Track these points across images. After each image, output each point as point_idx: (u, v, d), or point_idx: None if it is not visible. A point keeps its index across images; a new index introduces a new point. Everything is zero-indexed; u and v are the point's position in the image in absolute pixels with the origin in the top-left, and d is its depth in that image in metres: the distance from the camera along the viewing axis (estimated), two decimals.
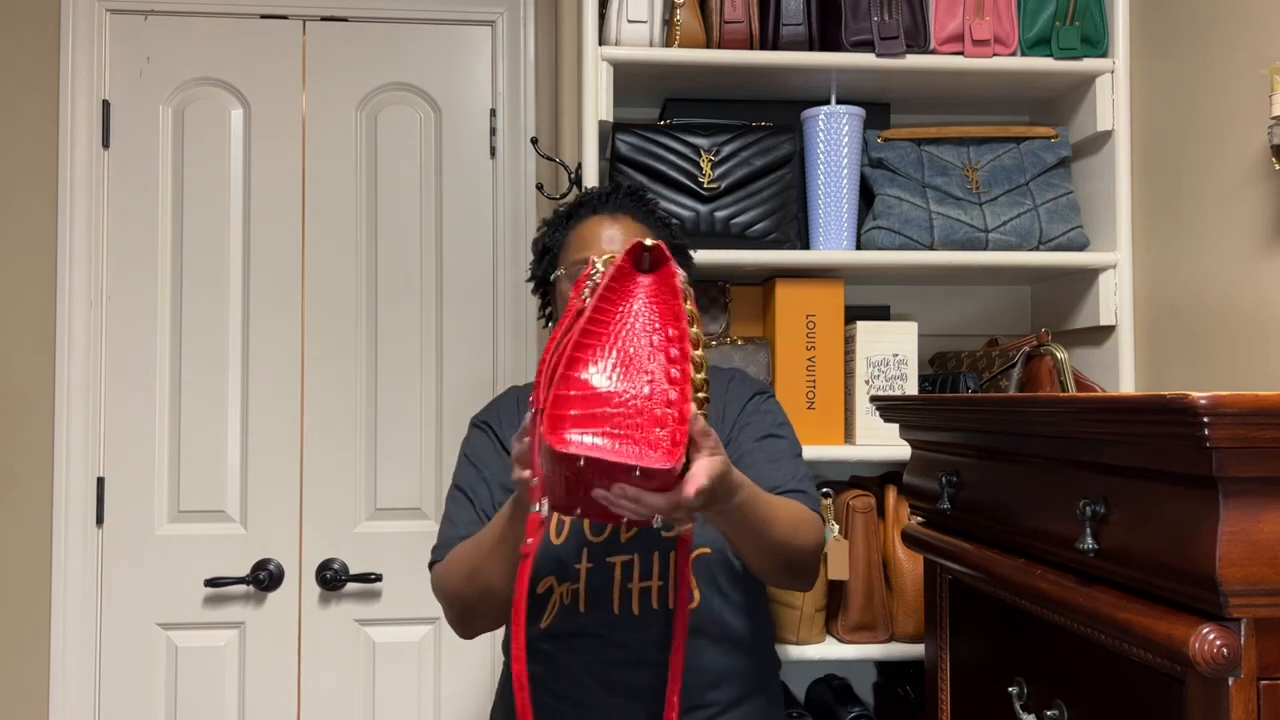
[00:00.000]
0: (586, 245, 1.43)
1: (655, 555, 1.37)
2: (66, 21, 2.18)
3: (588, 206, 1.49)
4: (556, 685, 1.38)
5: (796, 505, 1.31)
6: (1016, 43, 1.89)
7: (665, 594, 1.36)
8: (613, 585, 1.36)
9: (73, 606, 2.14)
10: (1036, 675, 1.14)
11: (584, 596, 1.37)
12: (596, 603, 1.36)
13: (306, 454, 2.21)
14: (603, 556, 1.37)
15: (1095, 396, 0.97)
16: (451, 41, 2.28)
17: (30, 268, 2.17)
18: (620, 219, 1.45)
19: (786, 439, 1.46)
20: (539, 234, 1.54)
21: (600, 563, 1.37)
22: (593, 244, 1.43)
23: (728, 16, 1.84)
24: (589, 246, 1.43)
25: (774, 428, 1.45)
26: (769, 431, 1.44)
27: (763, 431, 1.44)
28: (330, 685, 2.20)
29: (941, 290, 2.17)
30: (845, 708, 1.87)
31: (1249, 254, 1.57)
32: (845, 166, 1.86)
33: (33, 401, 2.15)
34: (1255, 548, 0.83)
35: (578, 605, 1.37)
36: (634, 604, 1.36)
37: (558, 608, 1.38)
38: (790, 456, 1.43)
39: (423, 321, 2.25)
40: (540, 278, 1.52)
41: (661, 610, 1.36)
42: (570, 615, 1.37)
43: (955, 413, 1.30)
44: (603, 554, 1.37)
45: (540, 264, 1.52)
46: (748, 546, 1.25)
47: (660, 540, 1.37)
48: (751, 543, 1.24)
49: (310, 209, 2.24)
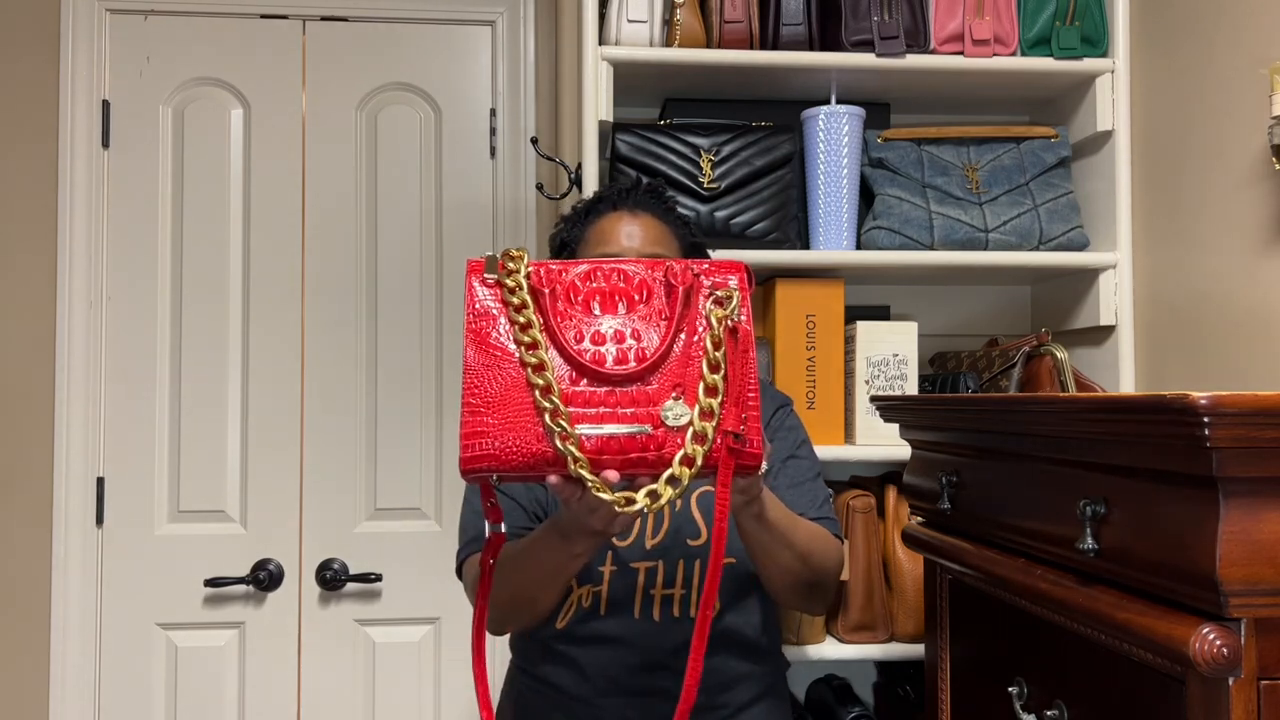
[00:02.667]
0: (606, 241, 1.42)
1: (680, 563, 1.37)
2: (66, 21, 2.18)
3: (607, 202, 1.47)
4: (571, 687, 1.38)
5: (819, 528, 1.33)
6: (1016, 43, 1.89)
7: (687, 602, 1.36)
8: (635, 590, 1.36)
9: (73, 606, 2.14)
10: (1036, 675, 1.14)
11: (605, 600, 1.37)
12: (617, 607, 1.36)
13: (306, 454, 2.21)
14: (627, 562, 1.37)
15: (1095, 396, 0.97)
16: (451, 41, 2.28)
17: (30, 268, 2.17)
18: (640, 215, 1.44)
19: (808, 460, 1.46)
20: (556, 229, 1.52)
21: (624, 567, 1.37)
22: (612, 240, 1.42)
23: (728, 16, 1.83)
24: (608, 242, 1.42)
25: (795, 448, 1.46)
26: (791, 453, 1.44)
27: (785, 453, 1.44)
28: (330, 685, 2.20)
29: (941, 290, 2.17)
30: (845, 708, 1.87)
31: (1249, 254, 1.57)
32: (845, 166, 1.86)
33: (33, 401, 2.15)
34: (1255, 548, 0.83)
35: (598, 608, 1.37)
36: (655, 610, 1.36)
37: (575, 609, 1.38)
38: (811, 479, 1.44)
39: (423, 321, 2.25)
40: None
41: (683, 618, 1.36)
42: (589, 617, 1.37)
43: (955, 413, 1.30)
44: (627, 559, 1.37)
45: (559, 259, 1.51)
46: (768, 560, 1.25)
47: (685, 548, 1.37)
48: (772, 556, 1.24)
49: (310, 209, 2.24)
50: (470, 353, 1.07)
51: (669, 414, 1.05)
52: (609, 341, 1.08)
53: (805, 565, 1.27)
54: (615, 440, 1.03)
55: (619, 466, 1.03)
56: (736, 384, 1.07)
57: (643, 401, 1.05)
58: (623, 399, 1.05)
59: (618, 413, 1.05)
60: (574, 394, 1.05)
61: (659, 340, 1.08)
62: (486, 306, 1.09)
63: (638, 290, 1.11)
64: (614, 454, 1.03)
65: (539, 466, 1.03)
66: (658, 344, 1.07)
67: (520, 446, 1.03)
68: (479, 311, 1.09)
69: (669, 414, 1.05)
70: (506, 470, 1.04)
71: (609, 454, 1.03)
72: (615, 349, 1.07)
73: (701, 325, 1.09)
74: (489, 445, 1.03)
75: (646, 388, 1.06)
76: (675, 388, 1.06)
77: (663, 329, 1.09)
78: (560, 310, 1.09)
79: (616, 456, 1.03)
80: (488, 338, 1.08)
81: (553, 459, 1.03)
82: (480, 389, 1.05)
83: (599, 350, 1.07)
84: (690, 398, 1.06)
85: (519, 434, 1.03)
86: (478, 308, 1.09)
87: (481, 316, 1.09)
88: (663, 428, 1.04)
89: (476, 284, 1.11)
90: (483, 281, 1.11)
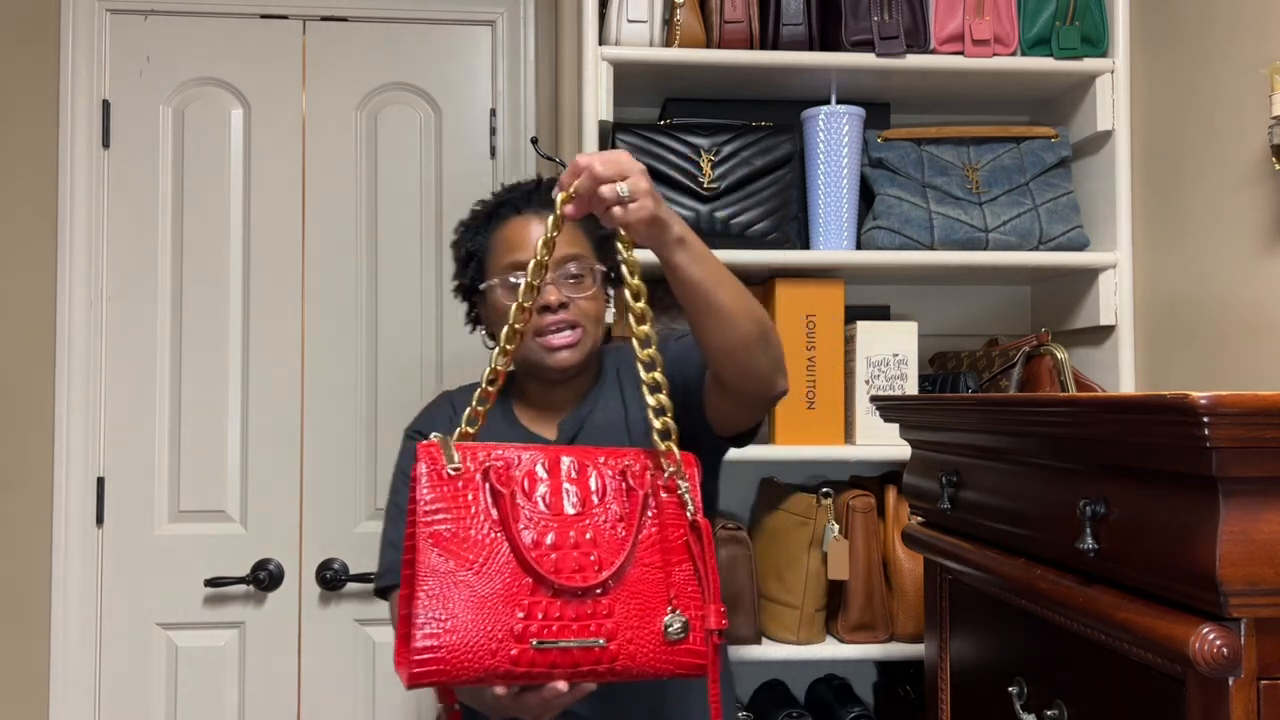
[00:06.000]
0: (513, 248, 1.37)
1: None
2: (66, 21, 2.18)
3: (509, 206, 1.42)
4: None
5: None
6: (1016, 43, 1.89)
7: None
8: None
9: (73, 606, 2.14)
10: (1036, 675, 1.14)
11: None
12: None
13: (306, 454, 2.21)
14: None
15: (1095, 396, 0.97)
16: (451, 41, 2.28)
17: (30, 268, 2.16)
18: (547, 217, 1.33)
19: None
20: (458, 238, 1.47)
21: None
22: (522, 247, 1.36)
23: (728, 16, 1.84)
24: (516, 250, 1.36)
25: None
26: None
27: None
28: (330, 685, 2.20)
29: (941, 290, 2.17)
30: (845, 708, 1.87)
31: (1249, 254, 1.57)
32: (845, 166, 1.86)
33: (33, 401, 2.15)
34: (1255, 548, 0.83)
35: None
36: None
37: None
38: None
39: (423, 321, 2.25)
40: (468, 286, 1.45)
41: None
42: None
43: (955, 413, 1.30)
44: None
45: (466, 271, 1.44)
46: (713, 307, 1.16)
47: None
48: (716, 299, 1.15)
49: (310, 209, 2.24)
50: (428, 557, 1.00)
51: (671, 627, 1.05)
52: (568, 547, 1.05)
53: (746, 305, 1.18)
54: (569, 653, 1.02)
55: (568, 677, 1.03)
56: (713, 580, 1.07)
57: (600, 614, 1.03)
58: (579, 611, 1.03)
59: (574, 626, 1.02)
60: (532, 606, 1.02)
61: (621, 541, 1.06)
62: (438, 504, 1.02)
63: (597, 489, 1.08)
64: (566, 667, 1.02)
65: (489, 680, 1.01)
66: (619, 548, 1.06)
67: (472, 663, 0.99)
68: (434, 508, 1.02)
69: (671, 627, 1.05)
70: (457, 683, 1.01)
71: (561, 666, 1.02)
72: (575, 556, 1.05)
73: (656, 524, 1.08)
74: (440, 661, 0.99)
75: (605, 598, 1.04)
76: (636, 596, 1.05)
77: (623, 531, 1.07)
78: (516, 513, 1.04)
79: (568, 669, 1.02)
80: (444, 541, 1.01)
81: (504, 674, 1.00)
82: (435, 599, 0.99)
83: (555, 557, 1.04)
84: (683, 605, 1.06)
85: (472, 651, 0.99)
86: (430, 504, 1.02)
87: (436, 514, 1.02)
88: (614, 641, 1.03)
89: (426, 478, 1.03)
90: (436, 477, 1.04)
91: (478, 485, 1.05)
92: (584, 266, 1.37)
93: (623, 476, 1.10)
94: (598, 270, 1.39)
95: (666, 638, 1.05)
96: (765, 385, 1.24)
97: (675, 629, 1.05)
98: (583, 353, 1.37)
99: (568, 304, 1.35)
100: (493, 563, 1.02)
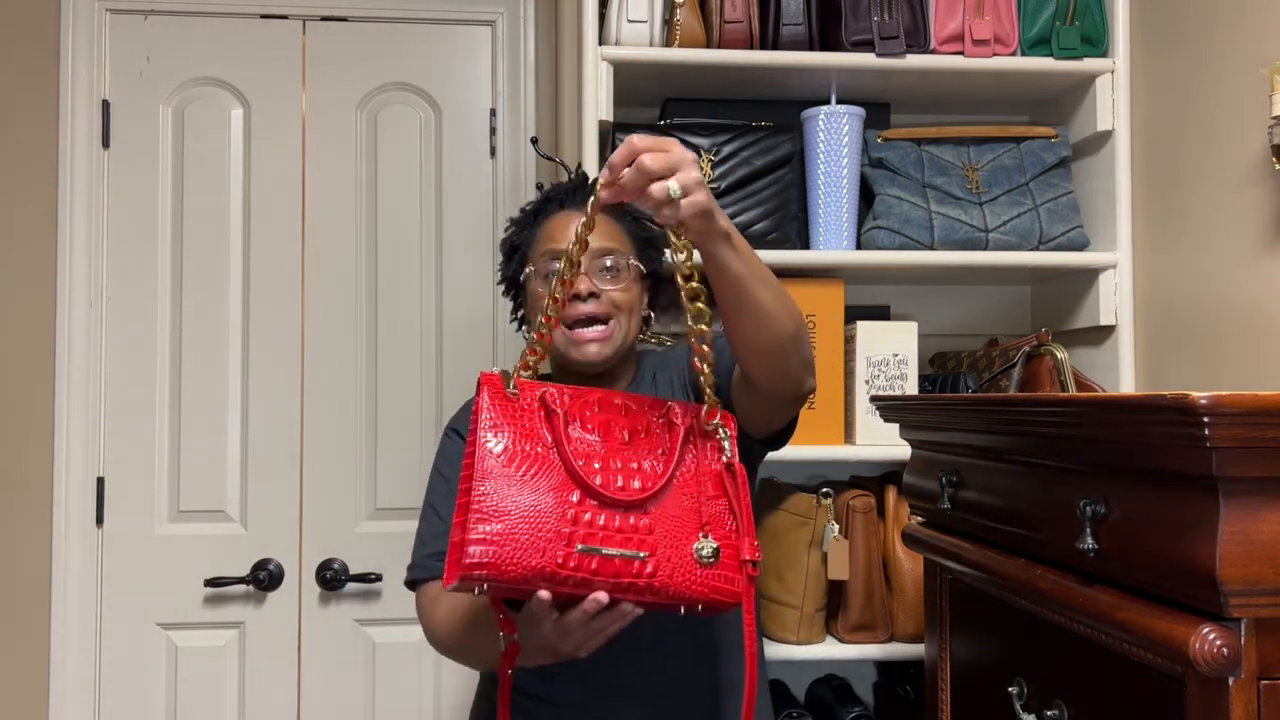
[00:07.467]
0: (555, 240, 1.39)
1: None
2: (66, 21, 2.18)
3: (555, 202, 1.45)
4: (537, 689, 1.36)
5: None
6: (1016, 43, 1.89)
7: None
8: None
9: (73, 606, 2.14)
10: (1036, 675, 1.14)
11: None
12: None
13: (306, 454, 2.21)
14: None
15: (1095, 396, 0.97)
16: (451, 41, 2.28)
17: (30, 268, 2.17)
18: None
19: None
20: (506, 234, 1.50)
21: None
22: (561, 239, 1.38)
23: (728, 16, 1.84)
24: (558, 242, 1.38)
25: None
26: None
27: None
28: (330, 685, 2.20)
29: (941, 290, 2.17)
30: (845, 708, 1.87)
31: (1249, 254, 1.57)
32: (845, 166, 1.86)
33: (33, 401, 2.15)
34: (1255, 548, 0.83)
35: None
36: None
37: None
38: None
39: (423, 321, 2.25)
40: (511, 278, 1.48)
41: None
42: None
43: (955, 413, 1.30)
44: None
45: (510, 264, 1.48)
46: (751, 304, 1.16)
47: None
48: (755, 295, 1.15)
49: (310, 209, 2.24)
50: (485, 462, 1.08)
51: (702, 551, 1.10)
52: (613, 467, 1.12)
53: (784, 304, 1.18)
54: (610, 562, 1.07)
55: (609, 589, 1.07)
56: (747, 516, 1.14)
57: (642, 530, 1.10)
58: (623, 524, 1.10)
59: (617, 537, 1.09)
60: (578, 513, 1.09)
61: (662, 472, 1.13)
62: (498, 419, 1.12)
63: (642, 425, 1.17)
64: (607, 576, 1.07)
65: (534, 582, 1.06)
66: (660, 475, 1.13)
67: (520, 560, 1.05)
68: (492, 423, 1.11)
69: (702, 551, 1.10)
70: (501, 582, 1.05)
71: (603, 576, 1.07)
72: (621, 477, 1.12)
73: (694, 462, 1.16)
74: (490, 555, 1.04)
75: (645, 516, 1.11)
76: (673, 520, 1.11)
77: (663, 462, 1.14)
78: (569, 434, 1.13)
79: (609, 580, 1.07)
80: (500, 450, 1.10)
81: (549, 574, 1.06)
82: (489, 497, 1.07)
83: (602, 476, 1.11)
84: (714, 533, 1.12)
85: (521, 548, 1.05)
86: (491, 419, 1.12)
87: (495, 427, 1.11)
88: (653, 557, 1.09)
89: (488, 396, 1.13)
90: (496, 396, 1.14)
91: (535, 409, 1.14)
92: (620, 260, 1.38)
93: (666, 418, 1.18)
94: (634, 265, 1.39)
95: (699, 560, 1.10)
96: (795, 385, 1.25)
97: (706, 553, 1.10)
98: (612, 347, 1.36)
99: (599, 294, 1.35)
100: (545, 474, 1.09)
